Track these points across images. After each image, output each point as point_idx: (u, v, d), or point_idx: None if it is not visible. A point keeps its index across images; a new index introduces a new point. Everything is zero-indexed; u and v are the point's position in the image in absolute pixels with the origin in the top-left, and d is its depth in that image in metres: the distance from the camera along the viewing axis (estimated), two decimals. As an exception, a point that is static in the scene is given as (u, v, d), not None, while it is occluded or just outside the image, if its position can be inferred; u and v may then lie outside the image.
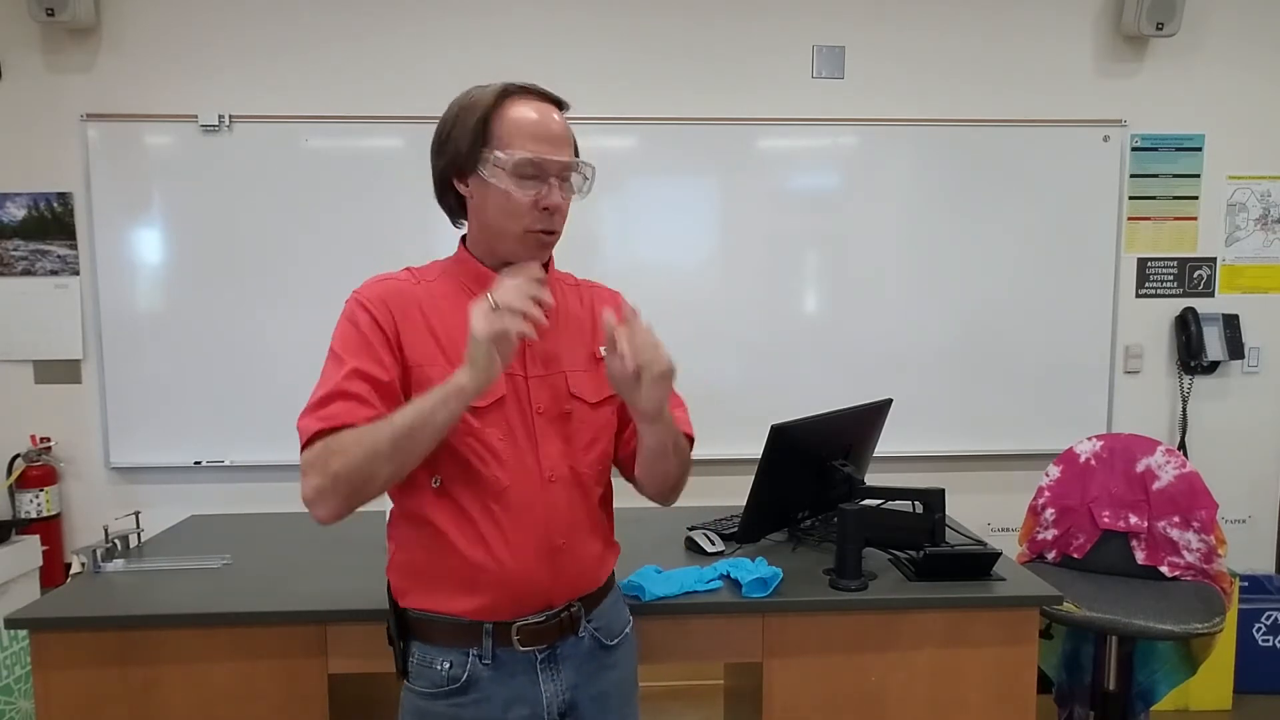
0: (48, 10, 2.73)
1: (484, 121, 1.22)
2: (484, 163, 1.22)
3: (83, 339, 2.95)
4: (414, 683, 1.28)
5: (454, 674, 1.25)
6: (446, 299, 1.28)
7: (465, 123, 1.24)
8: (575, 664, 1.31)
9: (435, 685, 1.26)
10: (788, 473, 1.83)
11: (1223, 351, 3.12)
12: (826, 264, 3.06)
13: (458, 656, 1.25)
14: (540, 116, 1.24)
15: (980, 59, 3.06)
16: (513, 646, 1.26)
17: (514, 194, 1.21)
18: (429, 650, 1.27)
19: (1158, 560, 2.42)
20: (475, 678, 1.25)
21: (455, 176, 1.27)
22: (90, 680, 1.58)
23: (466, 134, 1.23)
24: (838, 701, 1.67)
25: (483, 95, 1.25)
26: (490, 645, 1.25)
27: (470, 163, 1.23)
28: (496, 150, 1.21)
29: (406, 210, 2.93)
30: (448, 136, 1.26)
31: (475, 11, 2.94)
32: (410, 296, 1.26)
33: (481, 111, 1.23)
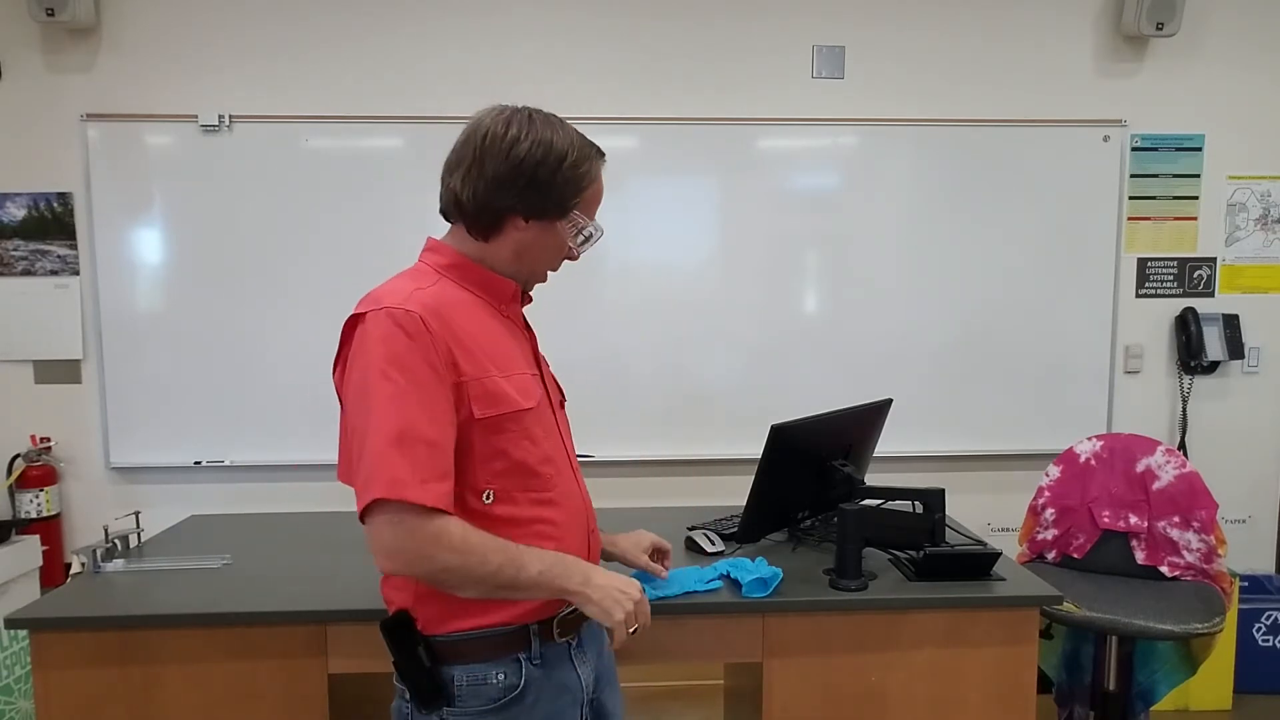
0: (48, 10, 2.73)
1: (589, 186, 1.29)
2: (570, 220, 1.29)
3: (83, 339, 2.95)
4: (464, 705, 1.23)
5: (510, 683, 1.24)
6: (465, 307, 1.25)
7: (572, 181, 1.26)
8: (594, 643, 1.39)
9: (491, 700, 1.23)
10: (788, 473, 1.83)
11: (1223, 351, 3.12)
12: (826, 264, 3.06)
13: (510, 665, 1.24)
14: (603, 189, 1.34)
15: (980, 59, 3.06)
16: (554, 640, 1.29)
17: (569, 249, 1.32)
18: (478, 668, 1.23)
19: (1158, 560, 2.42)
20: (529, 680, 1.25)
21: (522, 214, 1.26)
22: (90, 680, 1.58)
23: (573, 191, 1.27)
24: (838, 701, 1.67)
25: (589, 158, 1.28)
26: (538, 645, 1.26)
27: (557, 213, 1.27)
28: (584, 216, 1.30)
29: (406, 210, 2.93)
30: (542, 181, 1.24)
31: (475, 11, 2.94)
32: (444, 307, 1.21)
33: (590, 178, 1.29)
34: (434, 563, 1.13)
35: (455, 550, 1.14)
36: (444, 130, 3.12)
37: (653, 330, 3.01)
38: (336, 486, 3.39)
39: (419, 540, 1.12)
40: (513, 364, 1.27)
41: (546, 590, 1.21)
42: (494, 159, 1.24)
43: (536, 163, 1.23)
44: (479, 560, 1.15)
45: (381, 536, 1.12)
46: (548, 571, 1.20)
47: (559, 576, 1.21)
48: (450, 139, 1.34)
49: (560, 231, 1.29)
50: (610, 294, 3.00)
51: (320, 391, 2.94)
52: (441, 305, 1.21)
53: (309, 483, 2.99)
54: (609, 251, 2.96)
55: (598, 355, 3.00)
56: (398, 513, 1.11)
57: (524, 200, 1.25)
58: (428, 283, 1.25)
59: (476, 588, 1.18)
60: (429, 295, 1.21)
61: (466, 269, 1.29)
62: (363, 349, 1.18)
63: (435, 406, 1.15)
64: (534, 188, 1.24)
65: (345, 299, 3.15)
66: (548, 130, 1.25)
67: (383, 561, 1.14)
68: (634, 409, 3.02)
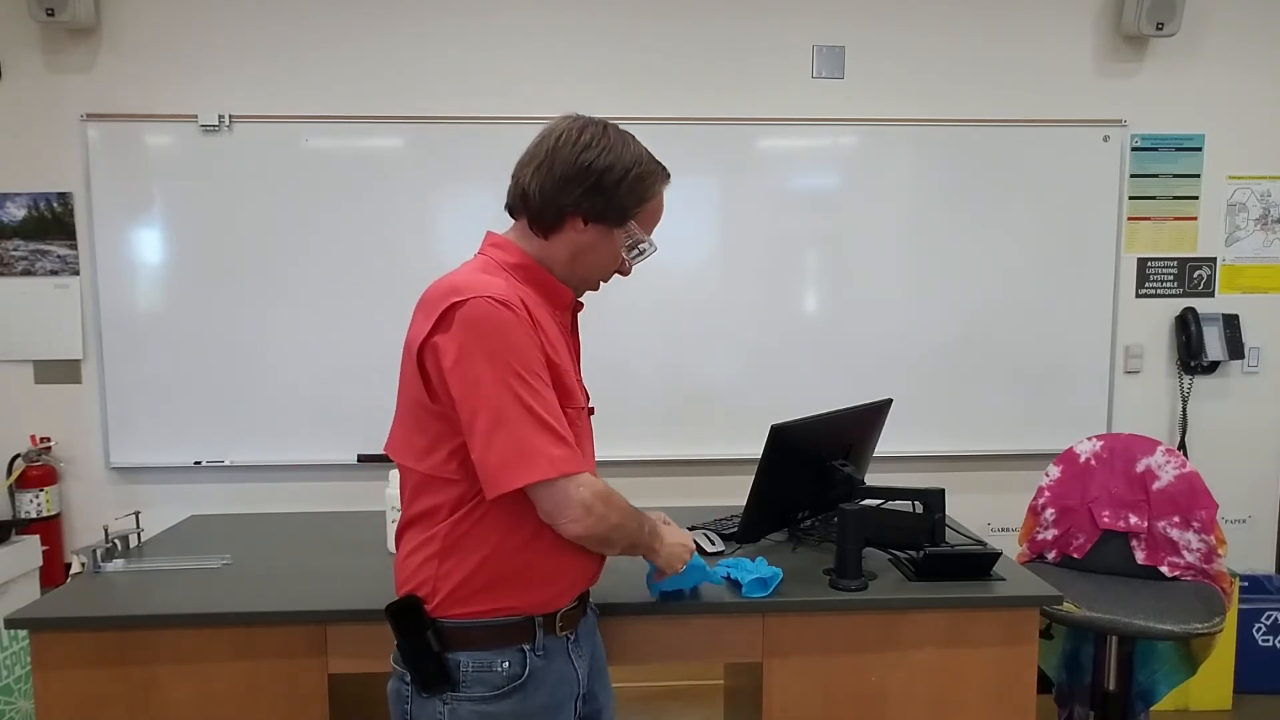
0: (48, 10, 2.73)
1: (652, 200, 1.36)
2: (627, 229, 1.34)
3: (83, 339, 2.95)
4: (469, 690, 1.27)
5: (513, 672, 1.28)
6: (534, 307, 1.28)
7: (636, 190, 1.32)
8: (589, 638, 1.44)
9: (496, 688, 1.27)
10: (788, 473, 1.83)
11: (1223, 351, 3.12)
12: (826, 264, 3.06)
13: (514, 655, 1.29)
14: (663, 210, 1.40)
15: (980, 59, 3.06)
16: (555, 633, 1.33)
17: (621, 261, 1.38)
18: (484, 655, 1.28)
19: (1158, 560, 2.43)
20: (532, 670, 1.30)
21: (584, 216, 1.31)
22: (90, 680, 1.58)
23: (635, 201, 1.33)
24: (838, 701, 1.67)
25: (658, 175, 1.36)
26: (541, 637, 1.31)
27: (616, 220, 1.33)
28: (640, 229, 1.35)
29: (406, 210, 2.93)
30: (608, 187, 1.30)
31: (475, 11, 2.94)
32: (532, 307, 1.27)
33: (654, 192, 1.36)
34: (609, 520, 1.26)
35: (619, 507, 1.30)
36: (444, 130, 3.15)
37: (653, 330, 3.01)
38: (336, 487, 3.42)
39: (601, 500, 1.25)
40: (570, 366, 1.34)
41: (644, 547, 1.41)
42: (564, 159, 1.29)
43: (604, 168, 1.29)
44: (632, 515, 1.34)
45: (573, 505, 1.22)
46: (652, 534, 1.41)
47: (656, 538, 1.43)
48: (450, 139, 1.36)
49: (616, 240, 1.34)
50: (610, 294, 2.98)
51: (320, 391, 2.96)
52: (530, 306, 1.27)
53: (309, 483, 3.00)
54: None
55: (597, 355, 2.97)
56: (575, 480, 1.23)
57: (587, 202, 1.30)
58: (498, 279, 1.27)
59: (625, 542, 1.34)
60: (515, 294, 1.25)
61: (530, 270, 1.33)
62: (475, 335, 1.19)
63: (549, 387, 1.24)
64: (598, 192, 1.29)
65: (345, 299, 3.16)
66: (620, 141, 1.32)
67: (574, 526, 1.24)
68: (634, 409, 3.02)
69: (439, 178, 2.92)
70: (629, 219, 1.33)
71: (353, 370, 2.93)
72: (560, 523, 1.23)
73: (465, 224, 2.92)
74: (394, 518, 1.89)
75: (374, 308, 2.92)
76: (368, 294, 2.93)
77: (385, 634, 1.37)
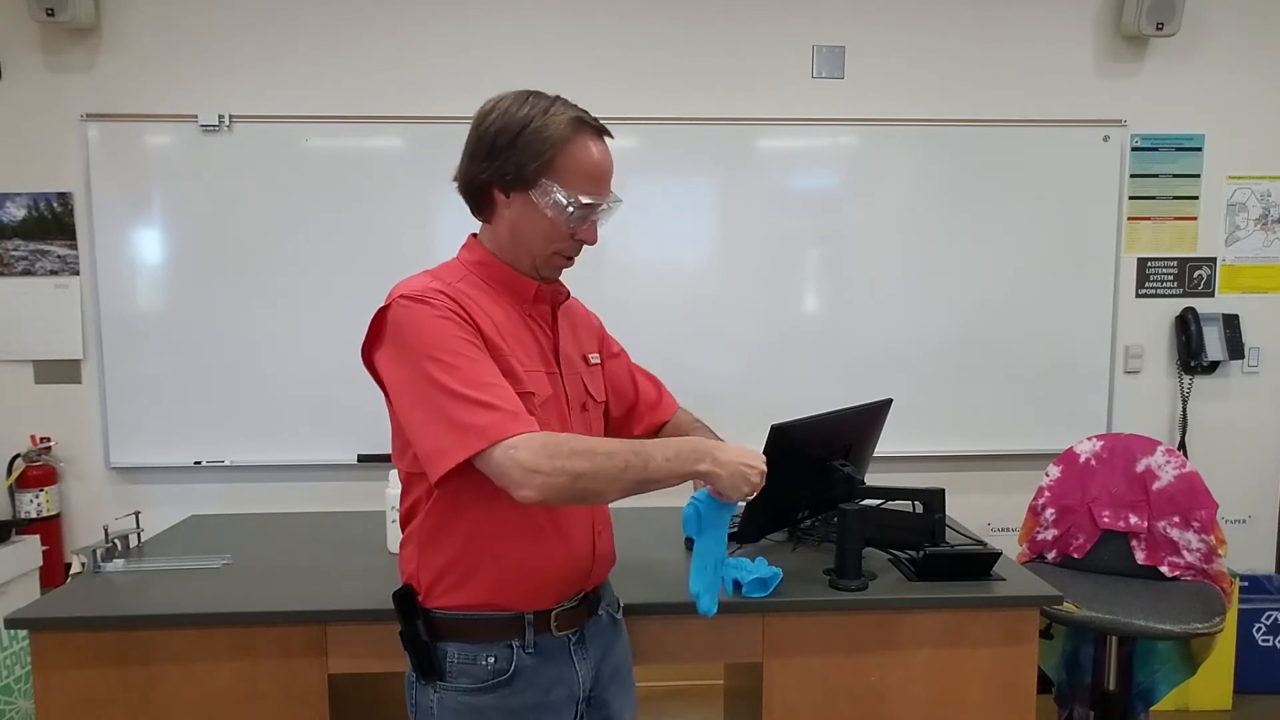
0: (48, 10, 2.73)
1: (551, 148, 1.25)
2: (539, 189, 1.26)
3: (83, 339, 2.95)
4: (454, 681, 1.28)
5: (499, 667, 1.28)
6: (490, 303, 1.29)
7: (530, 146, 1.25)
8: (599, 641, 1.40)
9: (480, 681, 1.28)
10: (788, 473, 1.82)
11: (1223, 351, 3.12)
12: (826, 264, 3.06)
13: (501, 650, 1.28)
14: (599, 158, 1.29)
15: (980, 59, 3.06)
16: (550, 632, 1.31)
17: (560, 226, 1.28)
18: (469, 648, 1.28)
19: (1158, 560, 2.42)
20: (520, 667, 1.29)
21: (498, 186, 1.29)
22: (90, 680, 1.58)
23: (530, 157, 1.25)
24: (838, 701, 1.67)
25: (554, 125, 1.25)
26: (532, 635, 1.30)
27: (524, 184, 1.26)
28: (557, 186, 1.25)
29: (406, 210, 2.93)
30: (501, 149, 1.26)
31: (475, 11, 2.94)
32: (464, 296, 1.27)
33: (551, 144, 1.25)
34: (567, 472, 1.14)
35: (579, 454, 1.16)
36: (444, 130, 3.15)
37: (653, 330, 3.01)
38: (336, 487, 3.41)
39: (544, 456, 1.14)
40: (526, 359, 1.30)
41: (678, 475, 1.21)
42: (470, 135, 1.31)
43: (497, 131, 1.26)
44: (605, 457, 1.17)
45: (510, 468, 1.14)
46: (674, 458, 1.21)
47: (686, 461, 1.22)
48: (450, 139, 1.36)
49: (540, 205, 1.27)
50: (610, 294, 2.99)
51: (320, 391, 2.96)
52: (459, 294, 1.26)
53: (309, 483, 2.99)
54: (609, 252, 2.95)
55: (598, 355, 2.99)
56: (509, 447, 1.14)
57: (491, 169, 1.27)
58: (452, 279, 1.30)
59: (616, 487, 1.19)
60: (446, 286, 1.27)
61: (490, 266, 1.33)
62: (397, 336, 1.23)
63: (477, 357, 1.21)
64: (496, 155, 1.26)
65: (345, 299, 3.16)
66: (519, 103, 1.27)
67: (525, 491, 1.15)
68: (634, 409, 3.02)
69: (439, 178, 2.87)
70: (536, 178, 1.25)
71: (353, 370, 2.87)
72: (513, 493, 1.15)
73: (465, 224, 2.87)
74: (394, 518, 1.89)
75: (374, 308, 2.90)
76: (368, 294, 2.88)
77: (385, 634, 1.38)
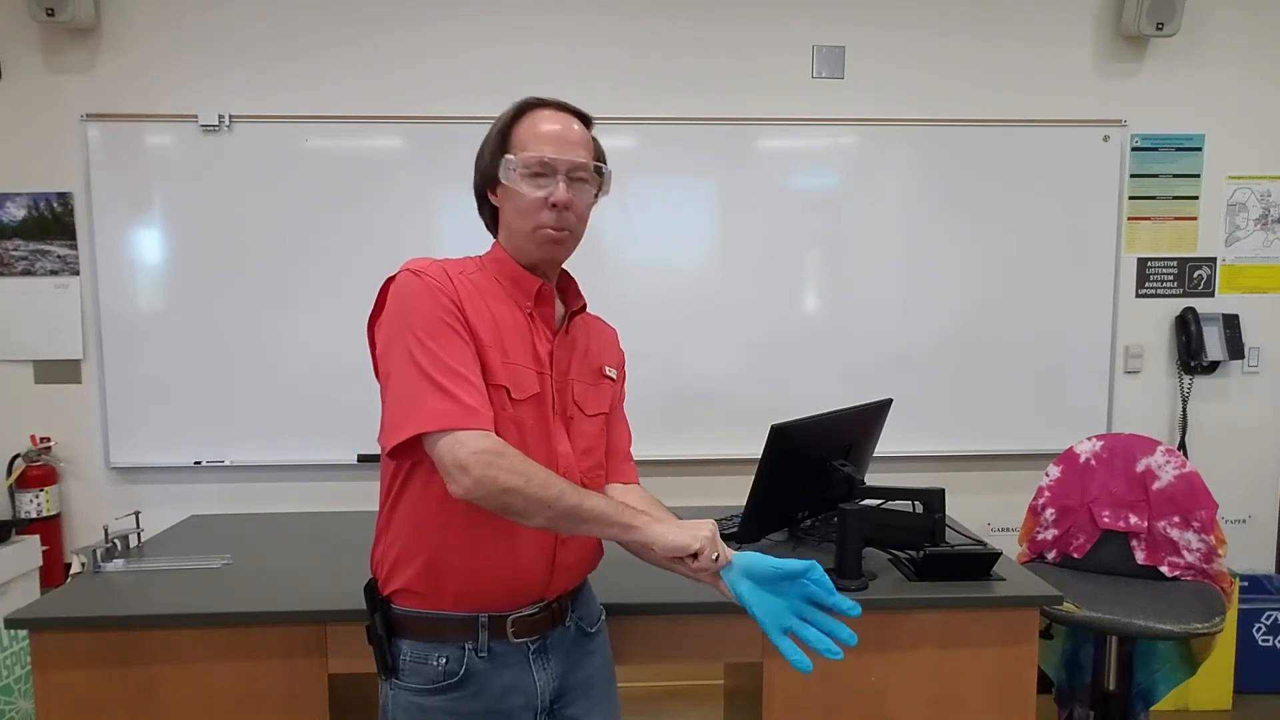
0: (48, 10, 2.73)
1: (504, 132, 1.32)
2: (504, 168, 1.29)
3: (83, 339, 2.95)
4: (406, 680, 1.27)
5: (450, 669, 1.26)
6: (490, 293, 1.31)
7: (490, 136, 1.33)
8: (563, 652, 1.36)
9: (430, 681, 1.26)
10: (788, 473, 1.83)
11: (1223, 351, 3.12)
12: (826, 264, 3.06)
13: (453, 651, 1.27)
14: (554, 123, 1.32)
15: (980, 59, 3.06)
16: (507, 638, 1.29)
17: (524, 193, 1.28)
18: (421, 646, 1.27)
19: (1158, 560, 2.42)
20: (472, 671, 1.27)
21: (488, 189, 1.35)
22: (90, 680, 1.58)
23: (490, 145, 1.33)
24: (838, 701, 1.67)
25: (507, 113, 1.34)
26: (485, 638, 1.28)
27: (494, 170, 1.31)
28: (509, 154, 1.30)
29: (406, 210, 2.93)
30: (481, 152, 1.35)
31: (475, 11, 2.94)
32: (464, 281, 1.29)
33: (503, 124, 1.33)
34: (497, 482, 1.15)
35: (515, 471, 1.16)
36: (444, 130, 3.15)
37: (652, 330, 3.01)
38: (336, 487, 3.42)
39: (480, 458, 1.15)
40: (514, 352, 1.29)
41: (613, 524, 1.21)
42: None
43: (482, 144, 1.35)
44: (540, 484, 1.17)
45: (446, 458, 1.16)
46: (610, 509, 1.21)
47: (622, 514, 1.21)
48: (450, 139, 1.38)
49: (510, 185, 1.30)
50: (610, 294, 3.00)
51: (320, 391, 2.96)
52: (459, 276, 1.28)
53: (309, 483, 2.99)
54: (609, 251, 2.96)
55: (598, 355, 3.00)
56: (455, 437, 1.16)
57: (480, 173, 1.35)
58: (465, 268, 1.32)
59: (543, 514, 1.17)
60: (450, 265, 1.30)
61: (504, 264, 1.35)
62: (391, 305, 1.27)
63: (459, 344, 1.22)
64: (478, 162, 1.36)
65: (345, 299, 3.16)
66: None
67: (454, 486, 1.17)
68: (633, 409, 2.99)
69: (439, 178, 2.92)
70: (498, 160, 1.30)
71: (352, 370, 2.90)
72: (446, 484, 1.17)
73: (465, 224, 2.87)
74: (394, 518, 1.89)
75: (374, 308, 2.92)
76: (368, 294, 2.89)
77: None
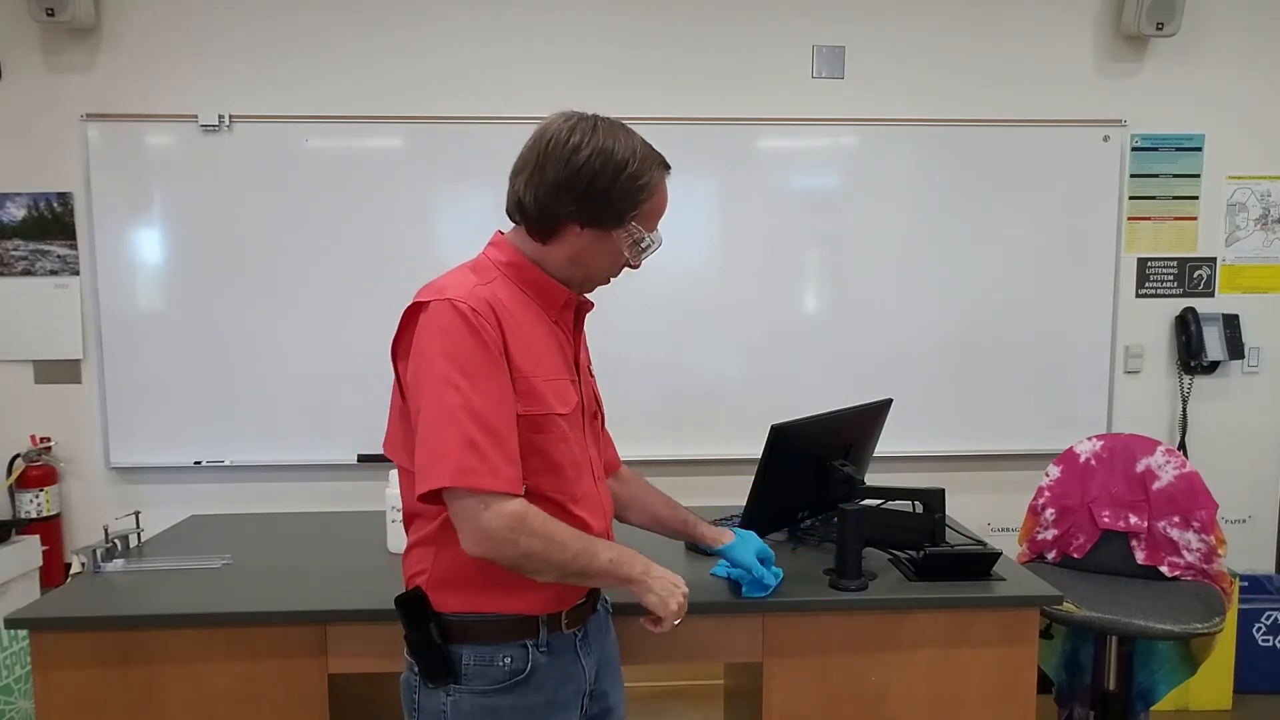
0: (48, 10, 2.73)
1: (648, 200, 1.30)
2: (625, 228, 1.29)
3: (83, 339, 2.95)
4: (470, 684, 1.28)
5: (515, 667, 1.29)
6: (518, 307, 1.29)
7: (628, 191, 1.27)
8: (598, 634, 1.43)
9: (497, 682, 1.28)
10: (788, 473, 1.83)
11: (1223, 351, 3.12)
12: (826, 264, 3.06)
13: (517, 650, 1.29)
14: (667, 196, 1.35)
15: (980, 59, 3.06)
16: (561, 630, 1.33)
17: (628, 258, 1.33)
18: (485, 650, 1.28)
19: (1158, 560, 2.42)
20: (536, 666, 1.30)
21: (579, 222, 1.28)
22: (90, 680, 1.58)
23: (627, 202, 1.28)
24: (838, 701, 1.67)
25: (649, 172, 1.29)
26: (545, 634, 1.31)
27: (613, 223, 1.29)
28: (643, 228, 1.31)
29: (406, 210, 2.93)
30: (598, 191, 1.26)
31: (475, 11, 2.94)
32: (500, 303, 1.25)
33: (648, 190, 1.30)
34: (518, 547, 1.18)
35: (537, 535, 1.19)
36: (444, 130, 3.15)
37: (653, 330, 3.01)
38: (336, 487, 3.41)
39: (505, 523, 1.17)
40: (554, 368, 1.30)
41: (613, 578, 1.29)
42: (555, 165, 1.26)
43: (594, 172, 1.25)
44: (559, 546, 1.22)
45: (467, 521, 1.18)
46: (615, 560, 1.28)
47: (624, 564, 1.29)
48: (450, 139, 1.36)
49: (616, 241, 1.30)
50: (609, 294, 2.99)
51: (320, 391, 2.96)
52: (497, 302, 1.25)
53: (309, 483, 2.99)
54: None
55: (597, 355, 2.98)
56: (482, 498, 1.17)
57: (581, 208, 1.27)
58: (487, 279, 1.29)
59: (554, 573, 1.23)
60: (488, 291, 1.25)
61: (524, 269, 1.32)
62: (427, 336, 1.21)
63: (498, 396, 1.20)
64: (591, 196, 1.26)
65: (345, 299, 3.16)
66: (610, 139, 1.27)
67: (471, 545, 1.19)
68: (634, 409, 3.02)
69: (439, 178, 2.92)
70: (627, 220, 1.29)
71: (352, 370, 2.92)
72: (460, 540, 1.19)
73: (465, 224, 2.92)
74: (394, 518, 1.89)
75: (374, 307, 2.92)
76: (367, 294, 2.93)
77: (385, 634, 1.37)
